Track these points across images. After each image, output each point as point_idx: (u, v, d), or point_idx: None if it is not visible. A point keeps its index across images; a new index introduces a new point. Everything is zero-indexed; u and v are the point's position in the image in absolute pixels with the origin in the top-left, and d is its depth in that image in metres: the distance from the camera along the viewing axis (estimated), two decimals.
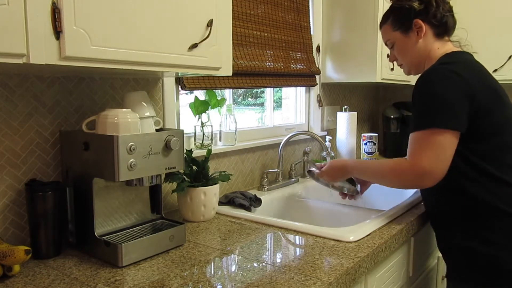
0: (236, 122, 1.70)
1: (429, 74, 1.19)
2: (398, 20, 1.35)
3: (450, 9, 1.33)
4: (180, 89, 1.51)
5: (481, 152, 1.17)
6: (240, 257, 1.08)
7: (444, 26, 1.31)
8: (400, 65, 1.44)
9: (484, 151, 1.17)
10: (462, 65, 1.20)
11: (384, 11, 1.44)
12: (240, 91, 2.05)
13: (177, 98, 1.51)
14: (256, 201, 1.53)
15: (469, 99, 1.14)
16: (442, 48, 1.31)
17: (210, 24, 1.11)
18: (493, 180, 1.17)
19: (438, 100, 1.14)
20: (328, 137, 2.18)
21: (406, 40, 1.34)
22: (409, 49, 1.35)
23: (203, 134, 1.58)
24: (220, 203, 1.51)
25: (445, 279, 1.32)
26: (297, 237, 1.23)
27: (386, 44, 1.45)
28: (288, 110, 2.25)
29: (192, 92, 1.62)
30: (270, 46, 1.85)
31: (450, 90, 1.14)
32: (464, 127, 1.15)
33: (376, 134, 2.16)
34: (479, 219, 1.18)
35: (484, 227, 1.17)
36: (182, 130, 1.14)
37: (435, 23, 1.30)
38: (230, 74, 1.24)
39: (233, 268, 1.01)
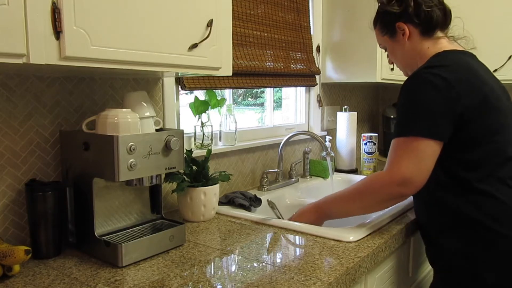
0: (236, 122, 1.70)
1: (412, 79, 1.15)
2: (383, 25, 1.33)
3: (439, 2, 1.26)
4: (180, 89, 1.51)
5: (466, 162, 1.12)
6: (240, 257, 1.08)
7: (429, 23, 1.24)
8: (399, 68, 1.42)
9: (469, 161, 1.12)
10: (448, 68, 1.13)
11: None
12: (240, 91, 2.05)
13: (177, 98, 1.51)
14: (256, 201, 1.53)
15: (452, 106, 1.09)
16: (433, 47, 1.25)
17: (210, 24, 1.11)
18: (476, 193, 1.11)
19: (419, 107, 1.10)
20: (328, 137, 2.18)
21: (394, 44, 1.32)
22: (398, 52, 1.33)
23: (203, 134, 1.58)
24: (220, 203, 1.51)
25: None
26: (297, 237, 1.23)
27: (380, 47, 1.43)
28: (288, 110, 2.25)
29: (192, 92, 1.62)
30: (270, 46, 1.85)
31: (433, 97, 1.09)
32: (446, 135, 1.10)
33: (376, 134, 2.16)
34: (463, 233, 1.13)
35: (467, 241, 1.12)
36: (182, 130, 1.14)
37: (417, 21, 1.24)
38: (230, 74, 1.24)
39: (233, 268, 1.01)
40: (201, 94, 1.65)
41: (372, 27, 1.41)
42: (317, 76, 2.20)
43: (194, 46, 1.08)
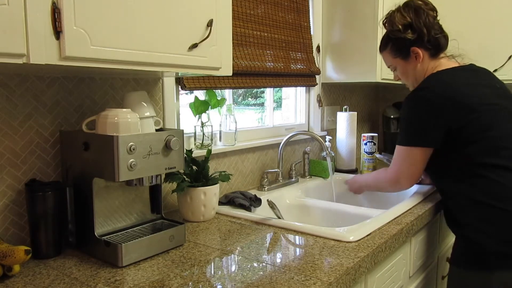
0: (236, 122, 1.70)
1: (408, 99, 1.40)
2: (396, 49, 1.51)
3: (441, 29, 1.47)
4: (180, 89, 1.51)
5: (464, 155, 1.32)
6: (240, 257, 1.08)
7: (437, 47, 1.46)
8: (405, 84, 1.60)
9: (467, 154, 1.32)
10: (435, 88, 1.36)
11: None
12: (240, 91, 2.05)
13: (177, 98, 1.51)
14: (256, 201, 1.53)
15: (437, 119, 1.32)
16: (435, 66, 1.46)
17: (210, 24, 1.11)
18: (476, 177, 1.32)
19: (411, 121, 1.39)
20: (328, 137, 2.18)
21: (406, 65, 1.51)
22: (410, 72, 1.51)
23: (203, 134, 1.58)
24: (220, 203, 1.51)
25: (448, 266, 1.48)
26: (297, 237, 1.23)
27: (389, 67, 1.61)
28: (288, 110, 2.25)
29: (192, 92, 1.62)
30: (270, 46, 1.85)
31: (421, 113, 1.36)
32: (435, 142, 1.35)
33: (376, 134, 2.16)
34: (470, 211, 1.34)
35: (474, 217, 1.33)
36: (182, 130, 1.14)
37: (429, 46, 1.45)
38: (230, 74, 1.24)
39: (233, 268, 1.01)
40: (201, 94, 1.65)
41: (379, 48, 1.59)
42: (317, 76, 2.20)
43: (194, 46, 1.08)
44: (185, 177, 1.34)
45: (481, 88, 1.38)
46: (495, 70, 2.14)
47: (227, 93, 1.81)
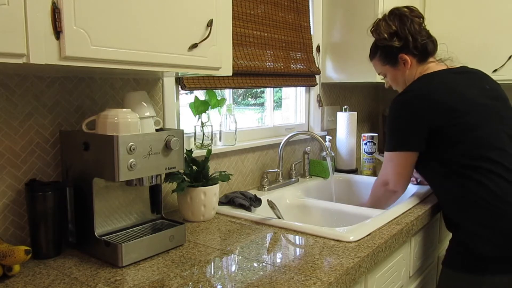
0: (236, 122, 1.70)
1: (391, 105, 1.44)
2: (385, 57, 1.54)
3: (428, 35, 1.49)
4: (180, 89, 1.51)
5: (454, 156, 1.32)
6: (240, 257, 1.08)
7: (425, 52, 1.48)
8: (397, 89, 1.60)
9: (456, 155, 1.32)
10: (419, 91, 1.38)
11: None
12: (240, 91, 2.05)
13: (177, 98, 1.51)
14: (256, 201, 1.53)
15: (418, 123, 1.35)
16: (423, 71, 1.47)
17: (210, 24, 1.12)
18: (467, 178, 1.30)
19: (394, 126, 1.43)
20: (328, 137, 2.18)
21: (395, 72, 1.54)
22: (399, 78, 1.54)
23: (203, 134, 1.58)
24: (220, 203, 1.51)
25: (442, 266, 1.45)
26: (297, 237, 1.23)
27: (379, 74, 1.64)
28: (288, 110, 2.25)
29: (192, 92, 1.62)
30: (270, 46, 1.85)
31: (402, 118, 1.40)
32: (417, 145, 1.38)
33: (376, 134, 2.16)
34: (465, 213, 1.34)
35: (468, 219, 1.33)
36: (182, 130, 1.14)
37: (416, 52, 1.47)
38: (230, 74, 1.24)
39: (233, 268, 1.01)
40: (201, 94, 1.65)
41: (369, 56, 1.61)
42: (317, 76, 2.20)
43: (194, 46, 1.08)
44: (185, 177, 1.34)
45: (467, 88, 1.38)
46: (495, 70, 2.14)
47: (227, 93, 1.81)
